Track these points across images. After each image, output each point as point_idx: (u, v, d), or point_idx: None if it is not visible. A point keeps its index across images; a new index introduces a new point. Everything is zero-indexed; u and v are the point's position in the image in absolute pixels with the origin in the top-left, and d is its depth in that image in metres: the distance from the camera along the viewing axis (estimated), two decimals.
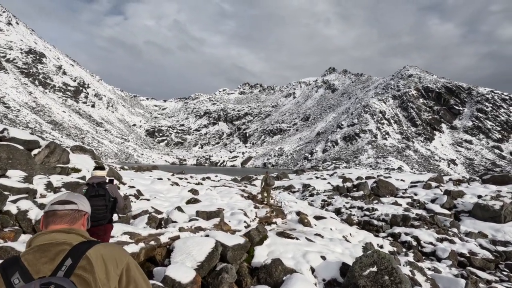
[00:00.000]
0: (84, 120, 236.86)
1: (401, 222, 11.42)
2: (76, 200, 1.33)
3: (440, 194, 17.73)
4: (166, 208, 7.79)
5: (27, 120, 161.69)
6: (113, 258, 1.16)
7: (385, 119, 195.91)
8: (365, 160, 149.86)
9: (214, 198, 10.01)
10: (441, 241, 10.14)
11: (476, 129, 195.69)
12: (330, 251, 5.92)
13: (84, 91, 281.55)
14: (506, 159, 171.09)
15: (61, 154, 8.28)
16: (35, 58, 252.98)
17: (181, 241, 4.70)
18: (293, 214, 9.48)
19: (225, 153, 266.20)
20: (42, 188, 6.00)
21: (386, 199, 17.22)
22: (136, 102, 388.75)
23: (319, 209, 11.92)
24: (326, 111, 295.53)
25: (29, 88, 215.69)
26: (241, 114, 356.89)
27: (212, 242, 4.70)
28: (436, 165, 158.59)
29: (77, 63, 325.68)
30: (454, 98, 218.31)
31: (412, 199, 17.30)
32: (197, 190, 10.46)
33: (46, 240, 1.15)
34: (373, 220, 11.94)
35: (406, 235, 10.57)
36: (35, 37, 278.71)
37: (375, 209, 13.20)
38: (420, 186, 20.88)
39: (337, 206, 14.38)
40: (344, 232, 8.54)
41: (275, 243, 5.83)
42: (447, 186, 20.72)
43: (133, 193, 8.41)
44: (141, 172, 14.19)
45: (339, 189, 19.01)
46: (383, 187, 19.12)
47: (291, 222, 8.72)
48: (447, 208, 15.71)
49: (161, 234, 5.09)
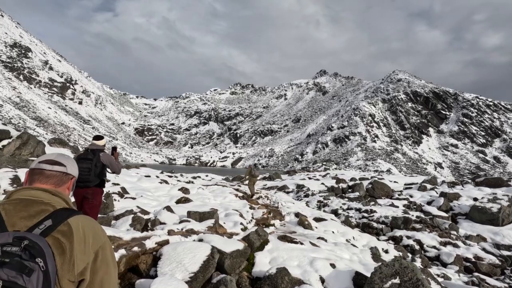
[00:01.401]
0: (71, 117, 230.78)
1: (402, 224, 10.93)
2: (66, 162, 1.25)
3: (436, 196, 17.46)
4: (153, 208, 7.00)
5: (10, 116, 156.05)
6: (93, 233, 1.10)
7: (374, 122, 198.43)
8: (355, 162, 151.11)
9: (206, 198, 9.24)
10: (444, 244, 9.70)
11: (462, 133, 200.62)
12: (338, 258, 5.28)
13: (72, 87, 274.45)
14: (490, 163, 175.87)
15: (35, 146, 7.38)
16: (20, 52, 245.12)
17: (170, 247, 3.96)
18: (291, 215, 8.83)
19: (216, 153, 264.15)
20: (7, 183, 5.14)
21: (382, 200, 16.83)
22: (126, 100, 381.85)
23: (317, 211, 11.31)
24: (316, 113, 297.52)
25: (13, 83, 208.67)
26: (232, 114, 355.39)
27: (208, 248, 3.97)
28: (423, 168, 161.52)
29: (64, 59, 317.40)
30: (441, 103, 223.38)
31: (408, 201, 16.97)
32: (188, 189, 9.67)
33: (31, 195, 1.09)
34: (372, 223, 11.42)
35: (408, 239, 10.09)
36: (20, 31, 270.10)
37: (374, 211, 12.71)
38: (415, 188, 20.63)
39: (334, 208, 13.83)
40: (347, 236, 7.94)
41: (278, 249, 5.15)
42: (442, 188, 20.53)
43: (116, 191, 7.56)
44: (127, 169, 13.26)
45: (334, 190, 18.51)
46: (379, 189, 18.74)
47: (290, 224, 8.07)
48: (444, 211, 15.41)
49: (147, 238, 4.32)
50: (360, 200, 16.29)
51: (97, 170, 3.82)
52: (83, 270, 1.02)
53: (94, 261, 1.07)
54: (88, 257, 1.04)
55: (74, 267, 0.98)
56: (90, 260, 1.05)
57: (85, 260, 1.03)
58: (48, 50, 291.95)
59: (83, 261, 1.02)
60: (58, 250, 0.96)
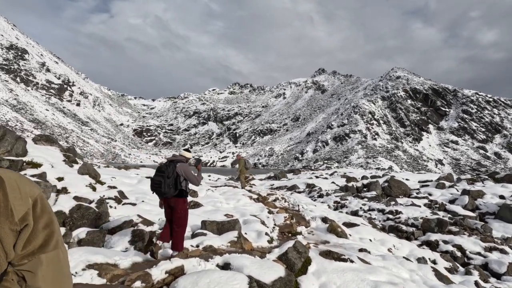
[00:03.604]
0: (69, 119, 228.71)
1: (436, 227, 9.72)
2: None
3: (457, 194, 16.24)
4: (158, 216, 5.73)
5: (7, 118, 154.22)
6: (27, 183, 1.06)
7: (374, 120, 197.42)
8: (355, 160, 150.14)
9: (218, 201, 7.97)
10: (490, 250, 8.49)
11: (462, 130, 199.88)
12: (401, 280, 4.04)
13: (69, 89, 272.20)
14: (491, 159, 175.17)
15: (13, 143, 6.12)
16: (17, 54, 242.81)
17: (188, 281, 2.70)
18: (317, 220, 7.58)
19: (215, 153, 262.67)
20: None
21: (401, 200, 15.62)
22: (124, 101, 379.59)
23: (344, 214, 10.06)
24: (316, 112, 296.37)
25: (10, 85, 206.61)
26: (231, 114, 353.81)
27: (243, 281, 2.72)
28: (424, 165, 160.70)
29: (61, 60, 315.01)
30: (440, 100, 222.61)
31: (428, 199, 15.76)
32: (195, 191, 8.40)
33: None
34: (401, 225, 10.21)
35: (446, 244, 8.89)
36: (16, 33, 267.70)
37: (399, 212, 11.50)
38: (432, 185, 19.41)
39: (353, 209, 12.61)
40: (387, 244, 6.71)
41: (325, 270, 3.90)
42: (462, 185, 19.36)
43: (113, 196, 6.27)
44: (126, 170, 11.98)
45: (349, 189, 17.28)
46: (396, 187, 17.52)
47: (318, 232, 6.82)
48: (470, 210, 14.20)
49: (153, 264, 3.07)
50: (378, 200, 15.07)
51: (169, 182, 3.95)
52: (25, 215, 0.98)
53: (34, 208, 1.01)
54: (27, 203, 1.00)
55: (14, 213, 0.96)
56: (30, 206, 1.00)
57: (25, 205, 0.99)
58: (45, 52, 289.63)
59: (22, 206, 0.98)
60: None
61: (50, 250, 1.02)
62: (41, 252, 1.00)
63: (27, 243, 0.98)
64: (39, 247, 1.00)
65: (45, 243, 1.01)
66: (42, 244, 1.01)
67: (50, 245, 1.02)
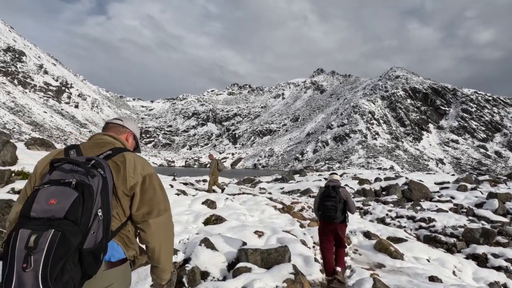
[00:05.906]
0: (67, 121, 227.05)
1: (482, 238, 8.67)
2: (124, 119, 1.71)
3: (482, 197, 15.19)
4: (179, 237, 4.63)
5: (5, 121, 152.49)
6: (142, 164, 1.45)
7: (374, 120, 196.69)
8: (356, 160, 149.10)
9: (241, 214, 6.83)
10: None
11: (462, 129, 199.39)
12: None
13: (67, 91, 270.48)
14: (491, 158, 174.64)
15: (0, 148, 5.02)
16: (14, 57, 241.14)
17: None
18: (358, 235, 6.49)
19: (215, 154, 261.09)
20: None
21: (424, 204, 14.54)
22: (122, 102, 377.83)
23: (382, 225, 8.94)
24: (315, 112, 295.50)
25: (7, 88, 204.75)
26: (230, 115, 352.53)
27: None
28: (425, 165, 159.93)
29: (59, 62, 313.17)
30: (440, 99, 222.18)
31: (452, 203, 14.69)
32: (214, 202, 7.26)
33: (101, 138, 1.55)
34: (439, 236, 9.15)
35: (496, 258, 7.85)
36: (14, 35, 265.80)
37: (432, 219, 10.46)
38: (452, 188, 18.36)
39: (379, 215, 11.54)
40: (447, 264, 5.63)
41: None
42: (485, 187, 18.32)
43: None
44: None
45: (367, 193, 16.20)
46: (416, 190, 16.45)
47: (365, 251, 5.73)
48: (501, 215, 13.15)
49: None
50: (400, 205, 14.01)
51: (340, 206, 4.14)
52: (134, 186, 1.37)
53: (142, 183, 1.39)
54: (138, 178, 1.39)
55: (127, 182, 1.36)
56: (139, 181, 1.38)
57: (135, 179, 1.38)
58: (42, 54, 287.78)
59: (133, 179, 1.37)
60: (114, 168, 1.36)
61: (154, 217, 1.39)
62: (149, 218, 1.38)
63: (138, 208, 1.37)
64: (146, 214, 1.38)
65: (150, 211, 1.38)
66: (148, 211, 1.38)
67: (153, 213, 1.39)
